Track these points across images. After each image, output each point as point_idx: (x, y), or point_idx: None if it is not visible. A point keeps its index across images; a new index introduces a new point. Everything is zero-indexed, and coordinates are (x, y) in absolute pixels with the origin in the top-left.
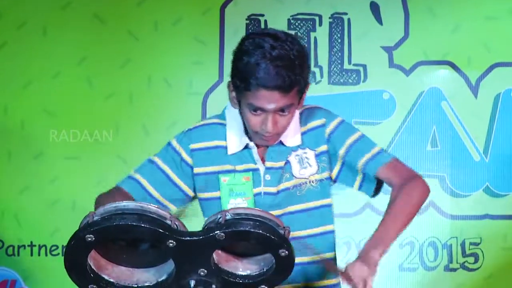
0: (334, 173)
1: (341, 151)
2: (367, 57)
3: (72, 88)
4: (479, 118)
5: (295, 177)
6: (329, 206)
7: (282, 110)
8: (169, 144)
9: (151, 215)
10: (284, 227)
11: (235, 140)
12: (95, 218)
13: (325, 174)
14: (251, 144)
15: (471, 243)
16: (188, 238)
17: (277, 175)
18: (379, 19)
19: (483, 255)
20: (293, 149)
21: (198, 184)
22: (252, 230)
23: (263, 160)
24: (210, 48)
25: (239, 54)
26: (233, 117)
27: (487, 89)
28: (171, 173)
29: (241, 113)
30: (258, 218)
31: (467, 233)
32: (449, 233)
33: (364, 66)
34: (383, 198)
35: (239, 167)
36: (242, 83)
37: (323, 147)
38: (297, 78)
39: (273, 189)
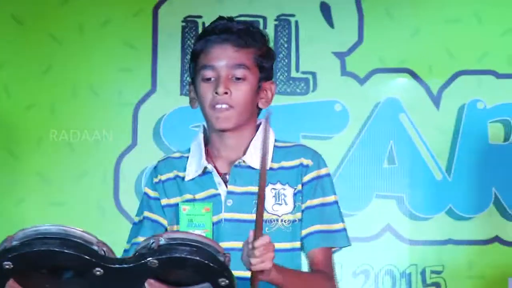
0: None
1: (303, 205)
2: (317, 64)
3: None
4: (441, 132)
5: (267, 211)
6: (298, 250)
7: (236, 74)
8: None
9: (75, 239)
10: (224, 254)
11: (193, 165)
12: (14, 243)
13: (299, 215)
14: (210, 166)
15: (432, 271)
16: (117, 265)
17: (242, 202)
18: (330, 22)
19: (445, 284)
20: (270, 180)
21: (168, 216)
22: (188, 256)
23: (225, 183)
24: (142, 54)
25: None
26: (196, 144)
27: (450, 100)
28: (150, 215)
29: (201, 109)
30: (196, 244)
31: (428, 260)
32: (408, 260)
33: (314, 74)
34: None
35: (199, 195)
36: (194, 52)
37: (299, 187)
38: (255, 43)
39: (236, 216)
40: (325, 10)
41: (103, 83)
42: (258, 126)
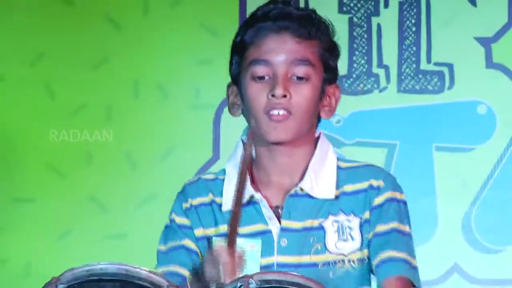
0: None
1: (369, 235)
2: (455, 54)
3: (23, 98)
4: None
5: (329, 251)
6: None
7: (297, 72)
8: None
9: (140, 282)
10: None
11: (232, 192)
12: (60, 287)
13: (367, 252)
14: (258, 195)
15: None
16: None
17: (300, 241)
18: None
19: None
20: (330, 211)
21: (203, 250)
22: None
23: (278, 218)
24: (225, 41)
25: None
26: (233, 166)
27: None
28: (182, 242)
29: (249, 116)
30: (295, 287)
31: None
32: None
33: (450, 66)
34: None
35: (243, 230)
36: (240, 44)
37: (367, 214)
38: (320, 33)
39: (291, 259)
40: None
41: (174, 79)
42: (316, 141)
